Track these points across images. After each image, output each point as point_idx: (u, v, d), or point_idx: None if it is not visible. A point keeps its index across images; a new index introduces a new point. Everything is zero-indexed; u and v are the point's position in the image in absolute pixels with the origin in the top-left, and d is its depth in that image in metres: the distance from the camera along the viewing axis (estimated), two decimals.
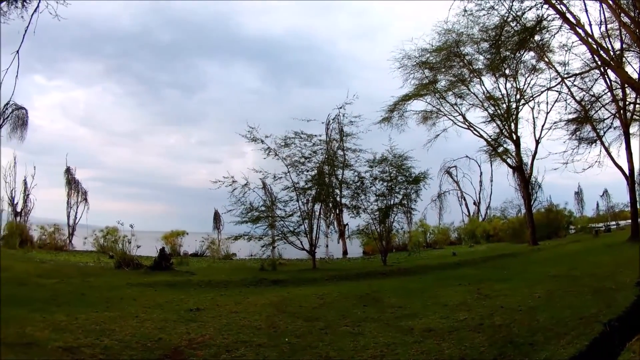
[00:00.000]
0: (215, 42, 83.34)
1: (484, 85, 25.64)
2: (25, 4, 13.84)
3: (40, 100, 62.91)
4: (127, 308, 8.16)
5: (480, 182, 36.51)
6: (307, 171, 17.88)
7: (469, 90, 25.94)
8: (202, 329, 6.82)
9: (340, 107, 18.24)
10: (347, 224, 22.94)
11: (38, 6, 13.56)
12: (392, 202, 18.15)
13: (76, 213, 27.75)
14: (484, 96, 25.62)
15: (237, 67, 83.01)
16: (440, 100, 26.57)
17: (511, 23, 18.41)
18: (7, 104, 23.42)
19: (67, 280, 11.43)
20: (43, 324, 6.30)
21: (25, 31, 13.66)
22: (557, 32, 19.48)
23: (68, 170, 27.79)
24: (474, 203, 36.96)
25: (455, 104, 26.46)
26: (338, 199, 19.03)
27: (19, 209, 25.25)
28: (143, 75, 75.98)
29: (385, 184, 18.15)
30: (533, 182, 29.04)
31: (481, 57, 24.37)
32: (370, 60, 73.15)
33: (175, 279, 13.03)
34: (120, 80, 73.16)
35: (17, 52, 14.02)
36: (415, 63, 25.23)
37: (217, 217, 29.88)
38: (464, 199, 37.14)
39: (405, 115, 27.15)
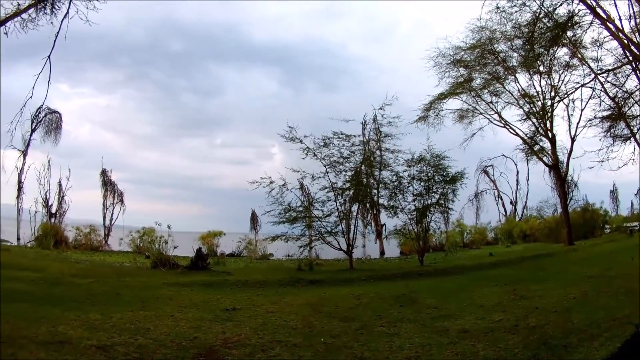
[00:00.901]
0: (229, 50, 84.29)
1: (518, 82, 25.32)
2: (54, 10, 14.48)
3: (64, 106, 65.42)
4: (163, 307, 8.30)
5: (517, 181, 35.84)
6: (345, 171, 17.96)
7: (504, 88, 25.63)
8: (238, 328, 6.91)
9: (380, 108, 18.31)
10: (384, 224, 23.06)
11: (68, 12, 14.03)
12: (429, 202, 18.08)
13: (112, 214, 28.38)
14: (519, 94, 25.28)
15: (253, 72, 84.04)
16: (476, 98, 26.37)
17: (543, 19, 18.22)
18: (39, 107, 24.14)
19: (102, 280, 11.58)
20: (77, 322, 6.38)
21: (56, 36, 14.24)
22: (589, 27, 19.20)
23: (104, 172, 28.52)
24: (511, 202, 36.30)
25: (491, 102, 26.22)
26: (375, 199, 19.10)
27: (53, 211, 25.92)
28: (161, 82, 77.46)
29: (422, 183, 18.09)
30: (569, 181, 28.24)
31: (515, 54, 24.11)
32: (383, 63, 74.88)
33: (212, 279, 13.21)
34: (139, 87, 75.30)
35: (49, 57, 14.69)
36: (449, 61, 25.17)
37: (254, 218, 29.95)
38: (501, 199, 36.49)
39: (442, 114, 27.05)
